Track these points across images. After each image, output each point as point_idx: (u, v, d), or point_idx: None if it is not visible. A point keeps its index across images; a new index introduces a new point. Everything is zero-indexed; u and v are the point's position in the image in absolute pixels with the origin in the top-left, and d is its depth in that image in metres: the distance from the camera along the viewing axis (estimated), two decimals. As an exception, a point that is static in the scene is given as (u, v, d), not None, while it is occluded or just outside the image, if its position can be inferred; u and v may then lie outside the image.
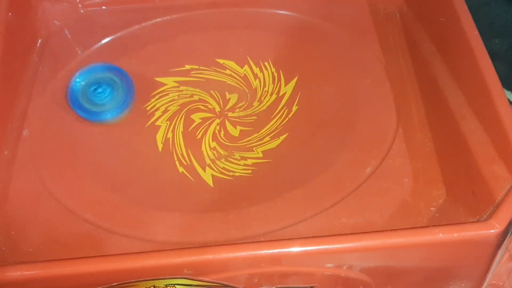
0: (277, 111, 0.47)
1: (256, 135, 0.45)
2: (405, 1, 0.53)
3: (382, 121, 0.45)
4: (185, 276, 0.33)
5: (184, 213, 0.40)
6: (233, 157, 0.44)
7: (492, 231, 0.32)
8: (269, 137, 0.45)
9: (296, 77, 0.49)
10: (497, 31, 0.65)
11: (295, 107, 0.47)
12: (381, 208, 0.40)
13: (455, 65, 0.43)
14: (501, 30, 0.65)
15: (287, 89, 0.48)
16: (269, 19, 0.53)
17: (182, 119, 0.46)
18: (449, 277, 0.37)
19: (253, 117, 0.46)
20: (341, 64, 0.49)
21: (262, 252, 0.32)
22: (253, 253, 0.33)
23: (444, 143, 0.42)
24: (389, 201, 0.40)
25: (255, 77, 0.49)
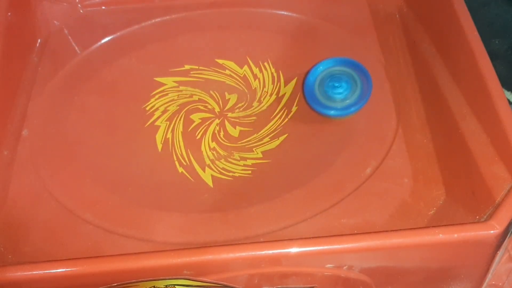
0: (277, 111, 0.47)
1: (255, 135, 0.45)
2: (405, 2, 0.53)
3: (382, 121, 0.45)
4: (185, 276, 0.33)
5: (183, 214, 0.40)
6: (232, 158, 0.44)
7: (492, 231, 0.32)
8: (269, 137, 0.45)
9: (296, 78, 0.49)
10: (497, 31, 0.65)
11: (294, 108, 0.47)
12: (381, 208, 0.40)
13: (455, 66, 0.43)
14: (501, 30, 0.65)
15: (287, 90, 0.48)
16: (269, 19, 0.53)
17: (181, 119, 0.46)
18: (449, 277, 0.37)
19: (253, 118, 0.46)
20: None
21: (262, 252, 0.32)
22: (253, 253, 0.33)
23: (444, 144, 0.42)
24: (389, 201, 0.40)
25: (255, 77, 0.49)
